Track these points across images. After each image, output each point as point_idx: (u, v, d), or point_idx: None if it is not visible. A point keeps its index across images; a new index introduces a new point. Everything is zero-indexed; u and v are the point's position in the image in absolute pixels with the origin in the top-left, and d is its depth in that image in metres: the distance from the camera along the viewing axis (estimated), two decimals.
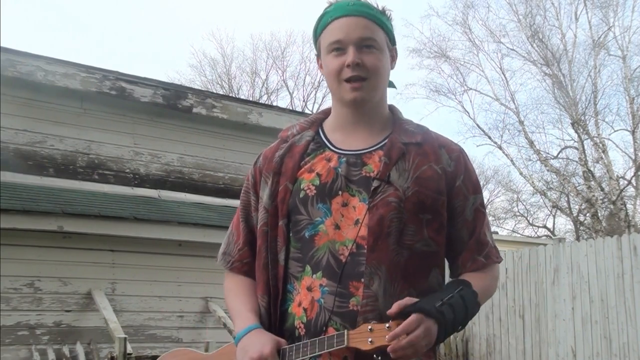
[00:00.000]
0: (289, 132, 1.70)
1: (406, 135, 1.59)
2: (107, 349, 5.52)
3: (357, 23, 1.56)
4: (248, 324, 1.52)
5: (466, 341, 9.06)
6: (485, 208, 1.65)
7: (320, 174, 1.56)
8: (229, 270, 1.68)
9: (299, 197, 1.55)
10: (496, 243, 1.68)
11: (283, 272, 1.54)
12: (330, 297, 1.46)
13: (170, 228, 6.08)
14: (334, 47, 1.57)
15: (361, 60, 1.54)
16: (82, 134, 6.65)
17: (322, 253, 1.50)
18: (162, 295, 6.15)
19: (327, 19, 1.59)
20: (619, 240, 7.51)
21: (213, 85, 26.75)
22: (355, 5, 1.58)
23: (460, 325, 1.46)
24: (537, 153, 20.01)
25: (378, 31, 1.59)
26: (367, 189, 1.51)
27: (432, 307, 1.39)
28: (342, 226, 1.50)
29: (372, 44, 1.57)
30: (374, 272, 1.45)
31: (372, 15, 1.59)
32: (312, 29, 1.65)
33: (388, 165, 1.53)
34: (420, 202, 1.51)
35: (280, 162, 1.61)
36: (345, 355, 1.45)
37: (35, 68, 6.26)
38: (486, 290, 1.58)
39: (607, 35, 19.05)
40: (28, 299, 5.53)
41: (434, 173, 1.55)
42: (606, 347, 7.41)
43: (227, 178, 7.55)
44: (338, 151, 1.59)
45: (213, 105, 7.39)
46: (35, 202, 5.62)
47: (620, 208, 17.40)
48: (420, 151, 1.57)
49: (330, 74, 1.58)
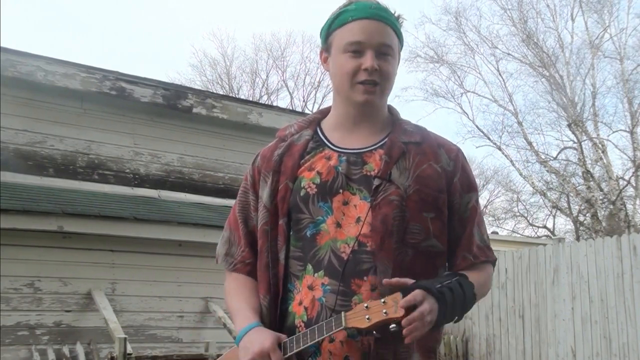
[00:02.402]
0: (286, 131, 1.70)
1: (405, 135, 1.61)
2: (107, 349, 5.52)
3: (377, 28, 1.57)
4: (248, 322, 1.52)
5: (466, 341, 9.07)
6: (479, 207, 1.65)
7: (320, 173, 1.56)
8: (231, 271, 1.68)
9: (299, 196, 1.55)
10: (496, 243, 1.68)
11: (283, 271, 1.54)
12: (332, 295, 1.46)
13: (170, 228, 6.08)
14: (353, 49, 1.57)
15: (378, 66, 1.55)
16: (82, 134, 6.65)
17: (324, 252, 1.50)
18: (162, 295, 6.15)
19: (347, 17, 1.59)
20: (619, 240, 7.51)
21: (213, 85, 26.76)
22: (377, 10, 1.59)
23: (458, 313, 1.46)
24: (537, 154, 20.03)
25: (394, 38, 1.61)
26: (367, 188, 1.52)
27: (433, 286, 1.40)
28: (344, 224, 1.51)
29: (389, 50, 1.58)
30: (384, 270, 1.46)
31: (391, 22, 1.60)
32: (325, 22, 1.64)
33: (389, 164, 1.54)
34: (421, 200, 1.52)
35: (279, 160, 1.62)
36: (346, 355, 1.45)
37: (35, 68, 6.27)
38: (482, 284, 1.58)
39: (603, 37, 19.07)
40: (28, 299, 5.53)
41: (434, 172, 1.56)
42: (606, 347, 7.41)
43: (227, 178, 7.55)
44: (338, 150, 1.60)
45: (213, 105, 7.39)
46: (35, 202, 5.62)
47: (620, 208, 17.40)
48: (420, 150, 1.58)
49: (343, 74, 1.58)
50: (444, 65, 21.69)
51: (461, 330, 9.15)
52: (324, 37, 1.65)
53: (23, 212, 5.35)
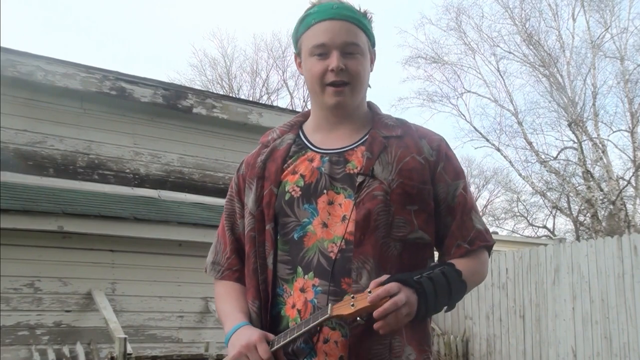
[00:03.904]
0: (269, 137, 1.71)
1: (386, 129, 1.61)
2: (107, 349, 5.52)
3: (341, 27, 1.56)
4: (236, 323, 1.52)
5: (466, 341, 9.06)
6: (469, 193, 1.63)
7: (304, 175, 1.56)
8: (219, 279, 1.68)
9: (284, 200, 1.55)
10: (496, 243, 1.67)
11: (272, 276, 1.53)
12: (324, 296, 1.46)
13: (170, 228, 6.08)
14: (318, 52, 1.57)
15: (345, 65, 1.55)
16: (82, 134, 6.65)
17: (312, 253, 1.50)
18: (162, 295, 6.15)
19: (310, 21, 1.59)
20: (619, 240, 7.51)
21: (213, 84, 26.75)
22: (339, 9, 1.58)
23: (446, 303, 1.45)
24: (537, 154, 20.02)
25: (361, 35, 1.59)
26: (351, 186, 1.52)
27: (410, 278, 1.40)
28: (330, 224, 1.51)
29: (355, 49, 1.57)
30: (362, 266, 1.45)
31: (356, 19, 1.59)
32: (293, 28, 1.65)
33: (371, 160, 1.54)
34: (405, 193, 1.51)
35: (262, 166, 1.62)
36: (341, 355, 1.45)
37: (35, 68, 6.27)
38: (473, 271, 1.56)
39: (604, 37, 19.07)
40: (28, 299, 5.53)
41: (416, 164, 1.56)
42: (606, 347, 7.41)
43: (227, 178, 7.55)
44: (320, 151, 1.60)
45: (213, 105, 7.39)
46: (35, 202, 5.62)
47: (620, 208, 17.39)
48: (402, 143, 1.58)
49: (312, 77, 1.58)
50: (444, 65, 21.68)
51: (461, 330, 9.15)
52: (295, 42, 1.66)
53: (23, 212, 5.35)
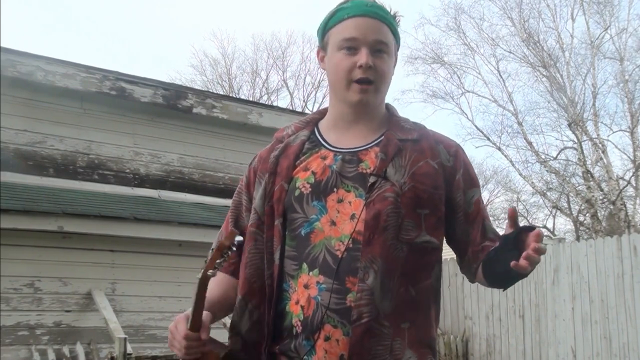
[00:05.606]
0: (284, 132, 1.70)
1: (402, 132, 1.61)
2: (107, 349, 5.52)
3: (373, 25, 1.57)
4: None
5: (466, 341, 9.06)
6: (482, 202, 1.66)
7: (315, 172, 1.56)
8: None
9: (294, 196, 1.55)
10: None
11: (278, 271, 1.53)
12: (327, 293, 1.46)
13: (170, 228, 6.08)
14: (347, 45, 1.56)
15: (373, 63, 1.55)
16: (82, 134, 6.65)
17: (318, 250, 1.50)
18: (162, 295, 6.15)
19: (343, 15, 1.59)
20: (619, 240, 7.51)
21: (213, 84, 26.76)
22: (373, 7, 1.59)
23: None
24: (537, 154, 20.02)
25: (390, 36, 1.60)
26: (363, 185, 1.52)
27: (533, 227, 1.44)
28: (338, 222, 1.50)
29: (384, 48, 1.58)
30: (369, 265, 1.45)
31: (387, 19, 1.60)
32: (321, 21, 1.64)
33: (384, 162, 1.53)
34: (416, 197, 1.51)
35: (275, 162, 1.62)
36: (341, 353, 1.44)
37: (35, 68, 6.27)
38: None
39: (604, 37, 19.08)
40: (28, 299, 5.53)
41: (430, 168, 1.55)
42: (606, 347, 7.41)
43: (227, 178, 7.55)
44: (334, 149, 1.60)
45: (213, 105, 7.39)
46: (35, 202, 5.62)
47: (620, 208, 17.39)
48: (417, 147, 1.58)
49: (339, 71, 1.58)
50: (444, 65, 21.68)
51: (461, 330, 9.16)
52: (321, 35, 1.65)
53: (23, 212, 5.35)
